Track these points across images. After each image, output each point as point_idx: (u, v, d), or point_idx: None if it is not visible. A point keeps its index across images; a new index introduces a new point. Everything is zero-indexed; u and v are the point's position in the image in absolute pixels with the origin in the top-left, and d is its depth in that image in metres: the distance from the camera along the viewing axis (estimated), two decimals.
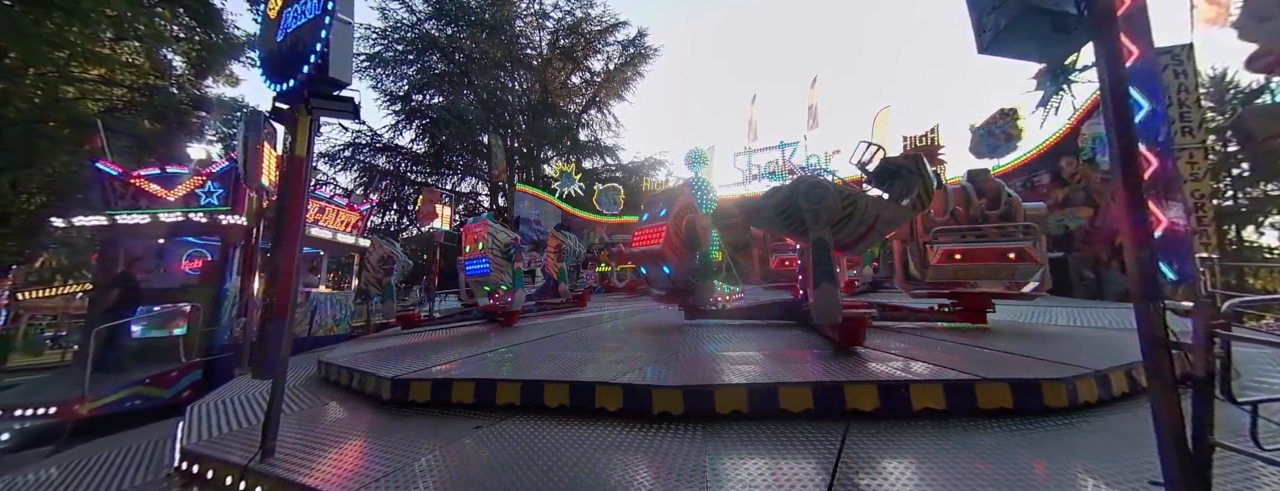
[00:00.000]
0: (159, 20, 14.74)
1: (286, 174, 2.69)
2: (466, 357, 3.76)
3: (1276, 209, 20.51)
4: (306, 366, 4.77)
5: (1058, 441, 2.07)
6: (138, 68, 15.40)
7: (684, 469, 1.95)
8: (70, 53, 13.24)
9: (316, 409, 3.40)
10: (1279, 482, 1.64)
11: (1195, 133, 6.71)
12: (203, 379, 6.96)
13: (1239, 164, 20.28)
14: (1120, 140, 1.60)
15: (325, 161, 18.22)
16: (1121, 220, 1.59)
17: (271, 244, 2.68)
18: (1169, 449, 1.44)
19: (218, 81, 17.43)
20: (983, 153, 10.43)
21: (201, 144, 10.88)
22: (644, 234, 4.54)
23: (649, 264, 4.55)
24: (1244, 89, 19.85)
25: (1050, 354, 2.80)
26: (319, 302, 9.31)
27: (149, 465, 3.16)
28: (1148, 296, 1.51)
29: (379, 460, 2.30)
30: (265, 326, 2.50)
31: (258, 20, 3.05)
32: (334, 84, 2.59)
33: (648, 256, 4.45)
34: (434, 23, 19.35)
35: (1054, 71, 2.14)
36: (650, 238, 4.39)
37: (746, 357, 3.05)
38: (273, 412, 2.45)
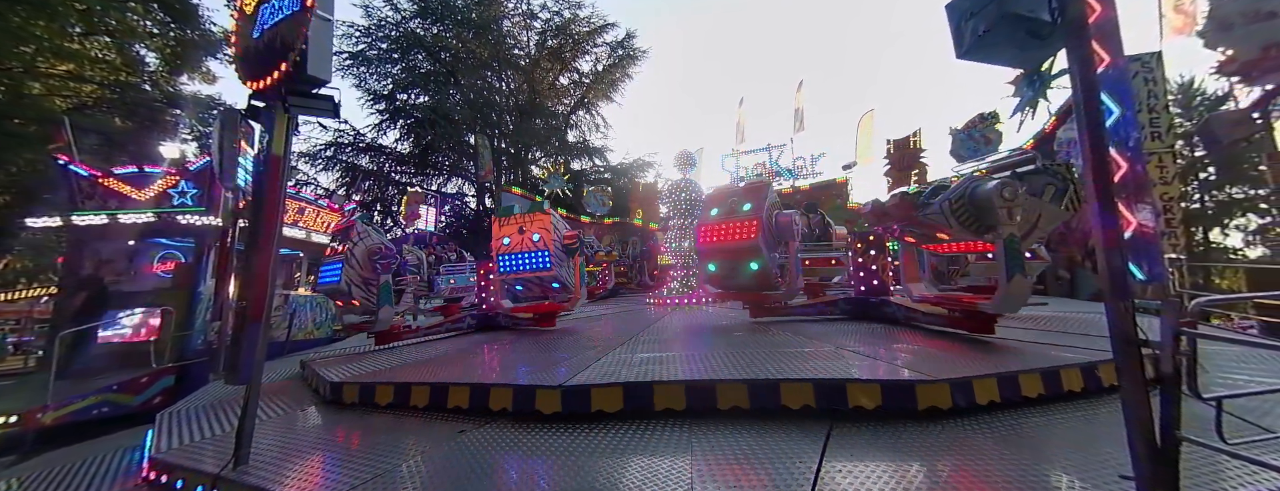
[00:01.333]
0: (131, 15, 14.30)
1: (263, 173, 2.63)
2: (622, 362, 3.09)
3: (1241, 211, 21.37)
4: (284, 371, 4.65)
5: (1032, 436, 2.11)
6: (108, 64, 14.88)
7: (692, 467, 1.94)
8: (36, 47, 12.75)
9: (293, 415, 3.31)
10: (1243, 475, 1.69)
11: (1164, 137, 6.95)
12: (175, 385, 6.74)
13: (1205, 168, 21.09)
14: (1092, 144, 1.65)
15: (306, 161, 17.81)
16: (1094, 222, 1.63)
17: (247, 245, 2.60)
18: (1138, 443, 1.48)
19: (193, 78, 16.96)
20: (963, 155, 10.66)
21: (175, 142, 10.56)
22: (723, 228, 4.40)
23: (732, 259, 4.39)
24: (1210, 96, 20.66)
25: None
26: (298, 306, 9.09)
27: (116, 475, 3.04)
28: (1118, 296, 1.55)
29: (358, 466, 2.25)
30: (240, 330, 2.43)
31: (233, 16, 2.97)
32: (313, 82, 2.54)
33: (733, 251, 4.35)
34: (419, 21, 19.08)
35: (1031, 77, 2.20)
36: (735, 232, 4.30)
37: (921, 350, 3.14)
38: (247, 419, 2.38)
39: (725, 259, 4.45)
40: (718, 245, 4.43)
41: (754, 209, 4.31)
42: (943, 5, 2.05)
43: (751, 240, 4.21)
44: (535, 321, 5.17)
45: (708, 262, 4.65)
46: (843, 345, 3.24)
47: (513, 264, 5.00)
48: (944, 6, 2.04)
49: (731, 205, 4.49)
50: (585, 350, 3.64)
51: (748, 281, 4.42)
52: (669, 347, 3.54)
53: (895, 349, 3.18)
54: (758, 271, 4.28)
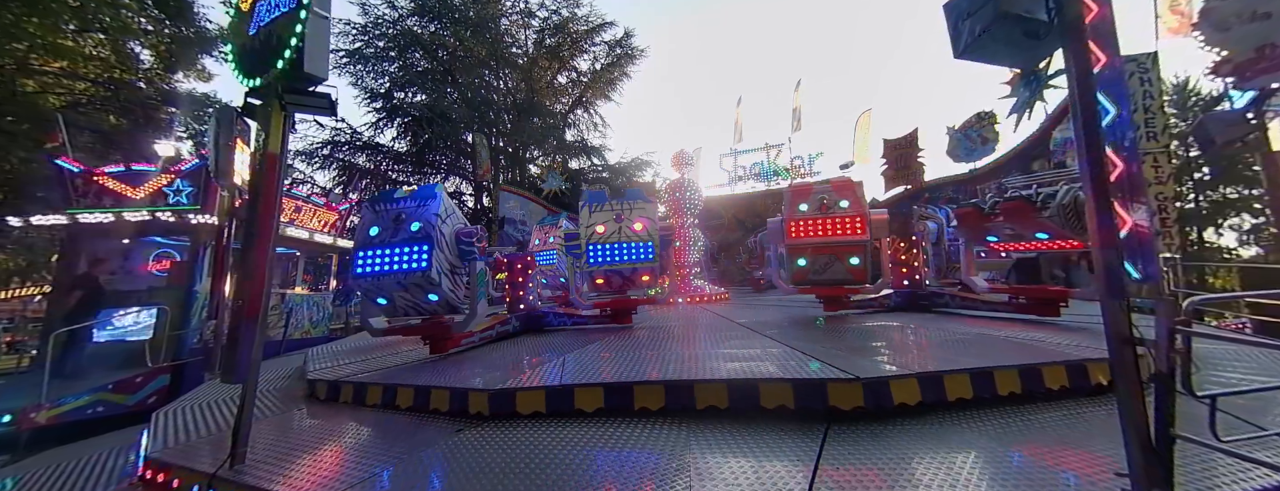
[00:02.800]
0: (125, 12, 14.19)
1: (259, 172, 2.61)
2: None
3: (1235, 211, 21.52)
4: (280, 370, 4.63)
5: (1027, 433, 2.12)
6: (102, 61, 14.77)
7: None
8: (29, 45, 12.64)
9: (290, 414, 3.30)
10: (1236, 473, 1.71)
11: (1159, 138, 6.99)
12: (170, 384, 6.71)
13: (1200, 168, 21.22)
14: (1089, 144, 1.66)
15: (302, 159, 17.73)
16: (1090, 221, 1.64)
17: (243, 244, 2.59)
18: (1133, 441, 1.49)
19: (188, 76, 16.85)
20: (960, 155, 10.69)
21: (170, 140, 10.49)
22: (823, 224, 4.60)
23: (832, 253, 4.60)
24: (1205, 96, 20.79)
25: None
26: (294, 304, 9.06)
27: (111, 474, 3.02)
28: (1114, 295, 1.56)
29: (355, 465, 2.25)
30: (236, 329, 2.42)
31: (230, 13, 2.96)
32: (309, 79, 2.53)
33: (835, 246, 4.56)
34: (417, 19, 19.01)
35: (1028, 77, 2.21)
36: (838, 228, 4.56)
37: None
38: (243, 418, 2.37)
39: (823, 253, 4.64)
40: (816, 240, 4.60)
41: (854, 206, 4.59)
42: (940, 5, 2.06)
43: (859, 236, 4.50)
44: (611, 318, 4.70)
45: (798, 257, 4.73)
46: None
47: (607, 255, 4.63)
48: (941, 6, 2.05)
49: (821, 202, 4.69)
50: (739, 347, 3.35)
51: (843, 275, 4.65)
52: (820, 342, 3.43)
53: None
54: (857, 266, 4.57)
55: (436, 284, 3.58)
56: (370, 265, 3.61)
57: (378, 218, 3.76)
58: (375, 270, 3.62)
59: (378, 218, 3.76)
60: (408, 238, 3.58)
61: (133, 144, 13.44)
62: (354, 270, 3.63)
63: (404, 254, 3.56)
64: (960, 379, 2.43)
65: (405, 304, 3.78)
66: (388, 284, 3.62)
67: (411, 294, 3.69)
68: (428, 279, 3.53)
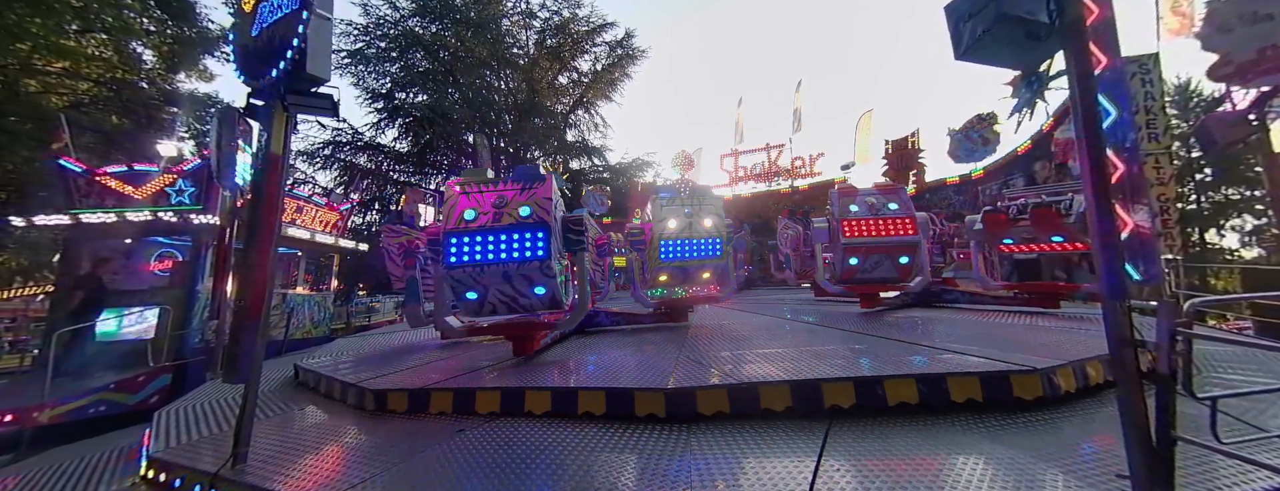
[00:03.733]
0: (127, 12, 14.24)
1: (262, 172, 2.62)
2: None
3: (1237, 212, 21.48)
4: (282, 370, 4.64)
5: (1028, 435, 2.12)
6: (105, 61, 14.82)
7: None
8: (32, 45, 12.69)
9: (291, 414, 3.31)
10: (1237, 475, 1.70)
11: (1161, 139, 6.98)
12: (172, 384, 6.72)
13: (1201, 169, 21.18)
14: (1090, 145, 1.66)
15: (304, 160, 17.78)
16: (1091, 222, 1.64)
17: (245, 244, 2.60)
18: (1134, 442, 1.49)
19: (190, 76, 16.90)
20: (961, 156, 10.69)
21: (172, 141, 10.52)
22: (876, 225, 4.80)
23: (883, 253, 4.84)
24: (1206, 97, 20.75)
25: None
26: (296, 304, 9.08)
27: (114, 473, 3.04)
28: (1115, 296, 1.56)
29: (357, 465, 2.25)
30: (238, 329, 2.42)
31: (232, 14, 2.97)
32: (312, 80, 2.54)
33: (888, 246, 4.80)
34: (418, 20, 19.06)
35: (1029, 78, 2.21)
36: (891, 228, 4.79)
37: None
38: (245, 418, 2.38)
39: (875, 252, 4.85)
40: (871, 239, 4.78)
41: (903, 208, 4.88)
42: (940, 6, 2.06)
43: (912, 236, 4.77)
44: (665, 316, 4.69)
45: (851, 256, 4.91)
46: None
47: (678, 251, 4.58)
48: (943, 8, 2.05)
49: (869, 204, 4.93)
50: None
51: (891, 274, 4.92)
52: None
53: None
54: (907, 264, 4.85)
55: (552, 275, 3.26)
56: (469, 253, 3.20)
57: (471, 201, 3.33)
58: (476, 259, 3.21)
59: (471, 201, 3.33)
60: (517, 223, 3.24)
61: (135, 144, 13.48)
62: (446, 259, 3.21)
63: (514, 241, 3.22)
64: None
65: (502, 298, 3.37)
66: (491, 275, 3.22)
67: (515, 287, 3.32)
68: (546, 268, 3.21)
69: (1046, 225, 4.64)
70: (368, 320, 13.22)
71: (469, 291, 3.35)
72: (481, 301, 3.39)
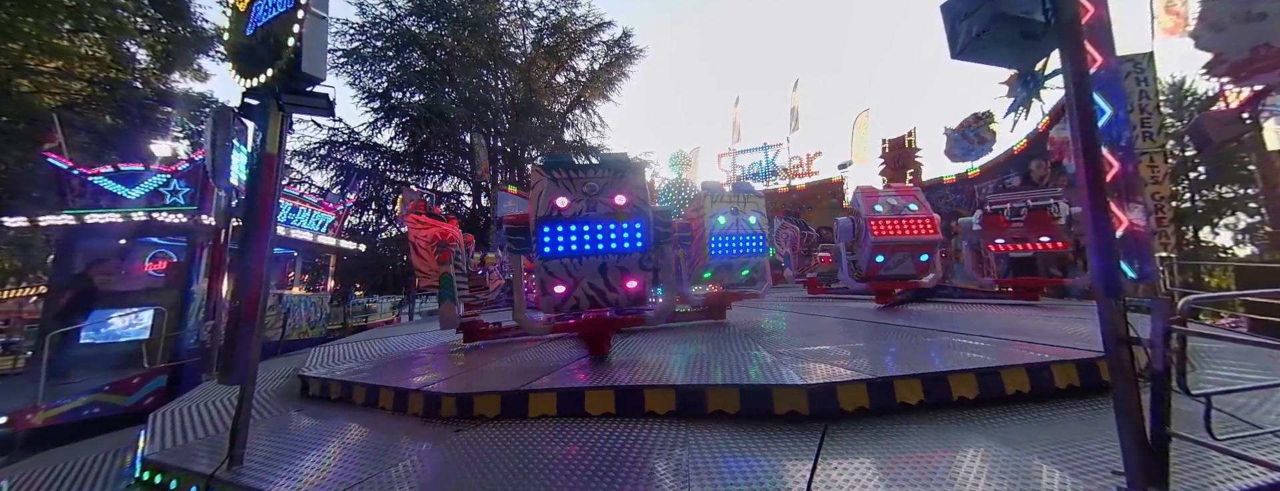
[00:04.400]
0: (121, 11, 14.13)
1: (257, 172, 2.60)
2: None
3: (1231, 210, 21.63)
4: (278, 370, 4.62)
5: (1024, 432, 2.13)
6: (98, 61, 14.71)
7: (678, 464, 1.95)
8: (25, 44, 12.58)
9: (288, 415, 3.30)
10: (1231, 471, 1.72)
11: (1155, 138, 7.01)
12: (167, 385, 6.69)
13: (1196, 168, 21.32)
14: (1085, 144, 1.66)
15: (300, 159, 17.70)
16: (1086, 221, 1.65)
17: (240, 244, 2.58)
18: (1129, 439, 1.50)
19: (185, 76, 16.79)
20: (957, 155, 10.72)
21: (167, 141, 10.45)
22: (901, 224, 5.06)
23: (907, 251, 5.13)
24: (1201, 96, 20.88)
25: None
26: (292, 305, 9.04)
27: (108, 476, 3.02)
28: (1110, 294, 1.57)
29: (353, 466, 2.25)
30: (234, 329, 2.41)
31: (227, 13, 2.95)
32: (307, 79, 2.52)
33: (911, 245, 5.09)
34: (414, 19, 18.98)
35: (1025, 77, 2.22)
36: (915, 228, 5.07)
37: None
38: (241, 419, 2.37)
39: (900, 251, 5.13)
40: (897, 238, 5.04)
41: (923, 208, 5.21)
42: (938, 6, 2.07)
43: (934, 235, 5.10)
44: (705, 314, 4.65)
45: (878, 254, 5.14)
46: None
47: (727, 247, 4.52)
48: (939, 7, 2.06)
49: (891, 204, 5.21)
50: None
51: (910, 271, 5.21)
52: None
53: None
54: (926, 262, 5.17)
55: (648, 269, 3.13)
56: (564, 243, 2.98)
57: (561, 187, 3.08)
58: (572, 249, 2.99)
59: (561, 187, 3.08)
60: (613, 212, 3.04)
61: (129, 144, 13.39)
62: (541, 249, 2.99)
63: (611, 231, 3.02)
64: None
65: (590, 293, 3.14)
66: (587, 266, 3.03)
67: (608, 280, 3.12)
68: (645, 262, 3.09)
69: (1038, 226, 5.25)
70: (365, 320, 13.18)
71: (557, 284, 3.10)
72: (567, 295, 3.12)
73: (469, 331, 4.30)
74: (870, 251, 5.09)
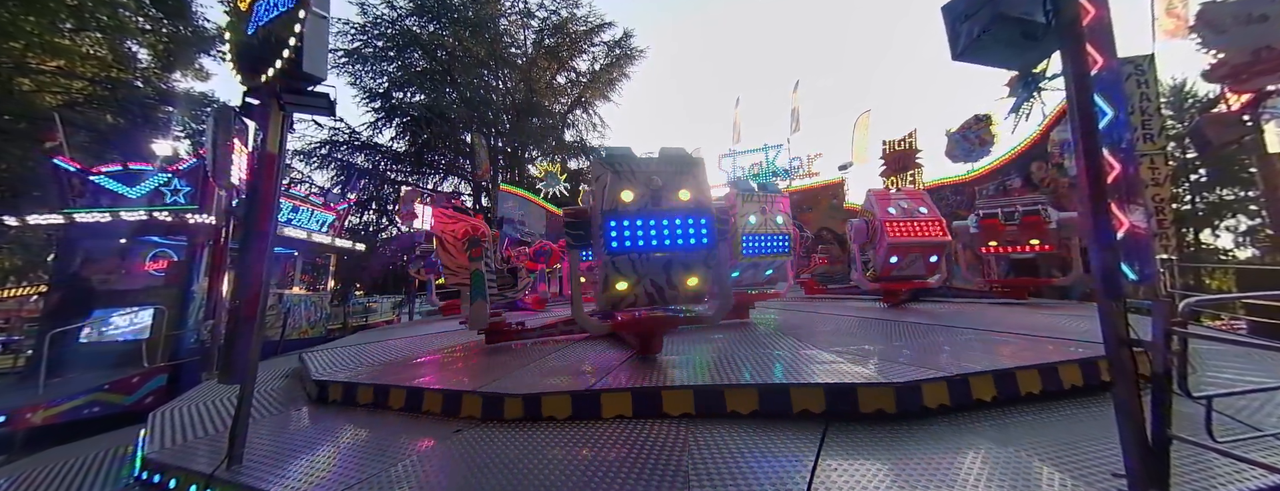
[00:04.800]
0: (123, 11, 14.15)
1: (258, 172, 2.60)
2: None
3: (1231, 213, 21.61)
4: (278, 370, 4.62)
5: (1025, 434, 2.12)
6: (99, 60, 14.73)
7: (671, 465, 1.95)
8: (26, 43, 12.60)
9: (288, 414, 3.29)
10: (1232, 473, 1.71)
11: (1156, 139, 7.00)
12: (167, 384, 6.69)
13: (1196, 170, 21.30)
14: (1086, 146, 1.66)
15: (301, 159, 17.74)
16: (1087, 222, 1.64)
17: (241, 244, 2.58)
18: (1130, 441, 1.49)
19: (186, 75, 16.81)
20: (958, 157, 10.71)
21: (168, 140, 10.45)
22: (914, 226, 5.25)
23: (918, 252, 5.33)
24: (1201, 98, 20.86)
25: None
26: (292, 305, 9.05)
27: (108, 475, 3.02)
28: (1111, 295, 1.56)
29: (352, 466, 2.24)
30: (234, 329, 2.41)
31: (228, 12, 2.95)
32: (308, 79, 2.52)
33: (922, 246, 5.30)
34: (415, 19, 19.02)
35: (1025, 79, 2.21)
36: (926, 230, 5.26)
37: None
38: (241, 418, 2.37)
39: (912, 252, 5.31)
40: (911, 240, 5.21)
41: (931, 211, 5.38)
42: (939, 7, 2.06)
43: (943, 237, 5.30)
44: (732, 314, 4.38)
45: (893, 255, 5.30)
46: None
47: (757, 246, 4.51)
48: (940, 8, 2.06)
49: (903, 207, 5.40)
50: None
51: (919, 272, 5.40)
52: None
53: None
54: (935, 263, 5.38)
55: (711, 266, 3.06)
56: (630, 237, 2.85)
57: (625, 180, 2.96)
58: (639, 244, 2.86)
59: (625, 180, 2.96)
60: (678, 207, 2.97)
61: (130, 143, 13.41)
62: (608, 244, 2.86)
63: (677, 226, 2.94)
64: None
65: (650, 289, 3.04)
66: (653, 263, 2.94)
67: (670, 277, 3.04)
68: (709, 258, 3.03)
69: (1032, 229, 5.62)
70: (365, 320, 13.18)
71: (621, 280, 2.97)
72: (629, 292, 3.01)
73: (493, 332, 4.09)
74: (886, 253, 5.26)
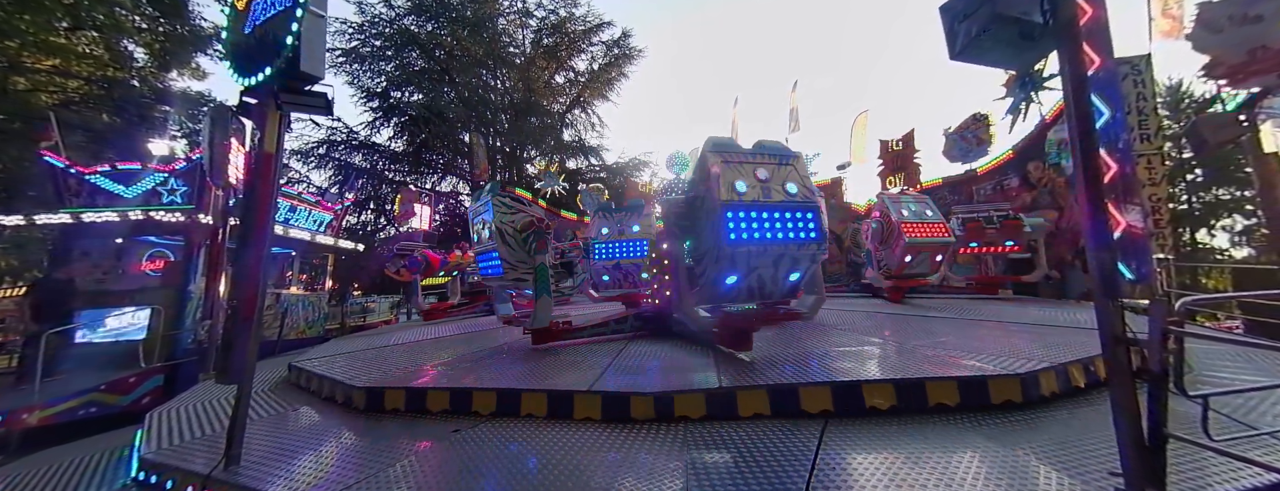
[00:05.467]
0: (119, 9, 14.08)
1: (255, 171, 2.59)
2: None
3: (1228, 212, 21.70)
4: (276, 371, 4.61)
5: (1022, 433, 2.13)
6: (95, 59, 14.65)
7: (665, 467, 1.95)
8: (21, 42, 12.53)
9: (285, 414, 3.29)
10: (1227, 471, 1.72)
11: (1152, 139, 7.02)
12: (164, 385, 6.66)
13: (1192, 170, 21.39)
14: (1083, 146, 1.67)
15: (298, 159, 17.67)
16: (1084, 222, 1.65)
17: (238, 243, 2.57)
18: (1127, 440, 1.50)
19: (182, 74, 16.74)
20: (955, 157, 10.73)
21: (164, 139, 10.41)
22: (927, 228, 5.51)
23: (928, 251, 5.59)
24: (1197, 98, 20.95)
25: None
26: (290, 304, 9.02)
27: (105, 475, 3.01)
28: (1108, 295, 1.57)
29: (351, 466, 2.24)
30: (231, 329, 2.40)
31: (225, 11, 2.94)
32: (306, 78, 2.52)
33: (932, 246, 5.55)
34: (413, 18, 18.96)
35: (1022, 79, 2.22)
36: (936, 231, 5.53)
37: None
38: (238, 418, 2.36)
39: (923, 251, 5.57)
40: (924, 239, 5.45)
41: (936, 213, 5.69)
42: (937, 7, 2.07)
43: (948, 236, 5.61)
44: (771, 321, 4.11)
45: (908, 254, 5.54)
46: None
47: (765, 227, 4.52)
48: (938, 8, 2.06)
49: (912, 209, 5.64)
50: None
51: (927, 270, 5.69)
52: None
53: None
54: (940, 262, 5.73)
55: (815, 261, 2.94)
56: (748, 230, 2.73)
57: (735, 170, 2.84)
58: (757, 237, 2.74)
59: (735, 170, 2.84)
60: (787, 201, 2.85)
61: (126, 143, 13.34)
62: (725, 236, 2.71)
63: (788, 220, 2.81)
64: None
65: (756, 284, 2.93)
66: (767, 256, 2.82)
67: (778, 271, 2.92)
68: (816, 253, 2.91)
69: (1009, 233, 6.29)
70: (362, 320, 13.15)
71: (730, 274, 2.87)
72: (737, 287, 2.91)
73: (541, 331, 3.86)
74: (902, 252, 5.52)
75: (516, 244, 3.75)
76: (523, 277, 3.81)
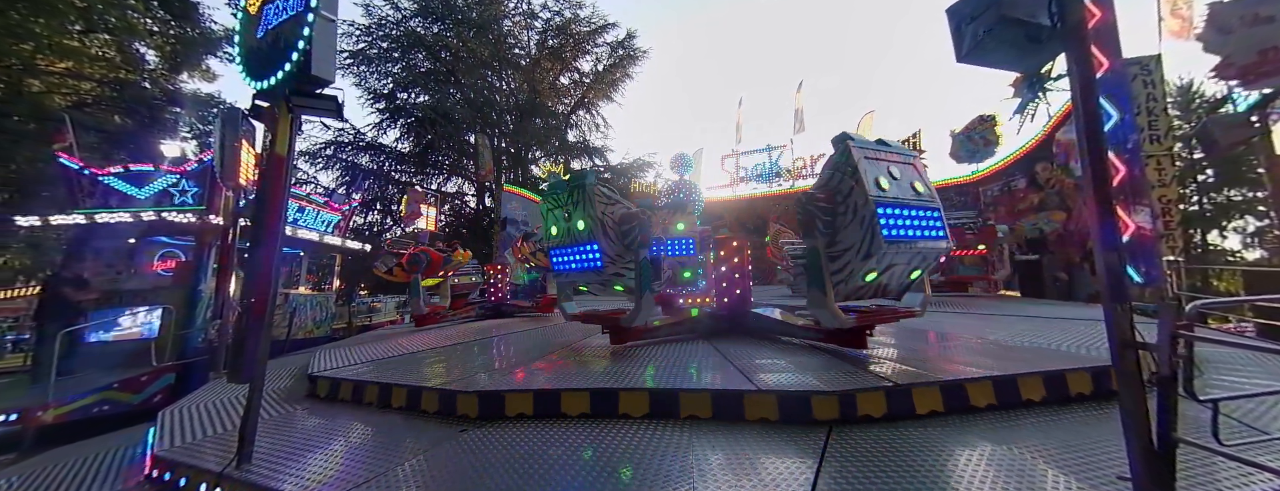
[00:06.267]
0: (131, 13, 14.28)
1: (266, 173, 2.63)
2: None
3: (1239, 214, 21.41)
4: (285, 369, 4.66)
5: (1028, 437, 2.12)
6: (108, 61, 14.86)
7: (668, 467, 1.96)
8: (35, 45, 12.73)
9: (296, 413, 3.32)
10: (1238, 477, 1.71)
11: (1162, 140, 6.95)
12: (176, 383, 6.75)
13: (1203, 170, 21.12)
14: (1091, 147, 1.66)
15: (306, 160, 17.83)
16: (1092, 224, 1.64)
17: (250, 244, 2.61)
18: (1136, 444, 1.49)
19: (193, 76, 16.94)
20: (962, 158, 10.66)
21: (175, 141, 10.54)
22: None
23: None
24: (1208, 98, 20.69)
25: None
26: (298, 304, 9.10)
27: (118, 472, 3.05)
28: (1117, 298, 1.56)
29: (361, 465, 2.26)
30: (242, 328, 2.44)
31: (237, 15, 2.98)
32: (316, 82, 2.55)
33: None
34: (420, 20, 19.09)
35: (1030, 80, 2.21)
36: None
37: None
38: (250, 417, 2.39)
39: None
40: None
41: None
42: (944, 9, 2.07)
43: (954, 239, 5.84)
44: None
45: None
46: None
47: (908, 224, 4.55)
48: (945, 10, 2.06)
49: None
50: None
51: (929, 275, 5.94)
52: None
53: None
54: (943, 262, 6.10)
55: (935, 261, 2.88)
56: (899, 227, 2.64)
57: (877, 166, 2.73)
58: (907, 235, 2.66)
59: (877, 166, 2.73)
60: (919, 199, 2.77)
61: (138, 144, 13.52)
62: (881, 232, 2.60)
63: (925, 218, 2.74)
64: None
65: (885, 283, 2.90)
66: (909, 255, 2.78)
67: (908, 269, 2.86)
68: (944, 252, 2.85)
69: (984, 237, 7.33)
70: (369, 320, 13.24)
71: (872, 271, 2.77)
72: (871, 284, 2.82)
73: (618, 330, 3.66)
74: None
75: (617, 236, 3.53)
76: (621, 272, 3.60)
